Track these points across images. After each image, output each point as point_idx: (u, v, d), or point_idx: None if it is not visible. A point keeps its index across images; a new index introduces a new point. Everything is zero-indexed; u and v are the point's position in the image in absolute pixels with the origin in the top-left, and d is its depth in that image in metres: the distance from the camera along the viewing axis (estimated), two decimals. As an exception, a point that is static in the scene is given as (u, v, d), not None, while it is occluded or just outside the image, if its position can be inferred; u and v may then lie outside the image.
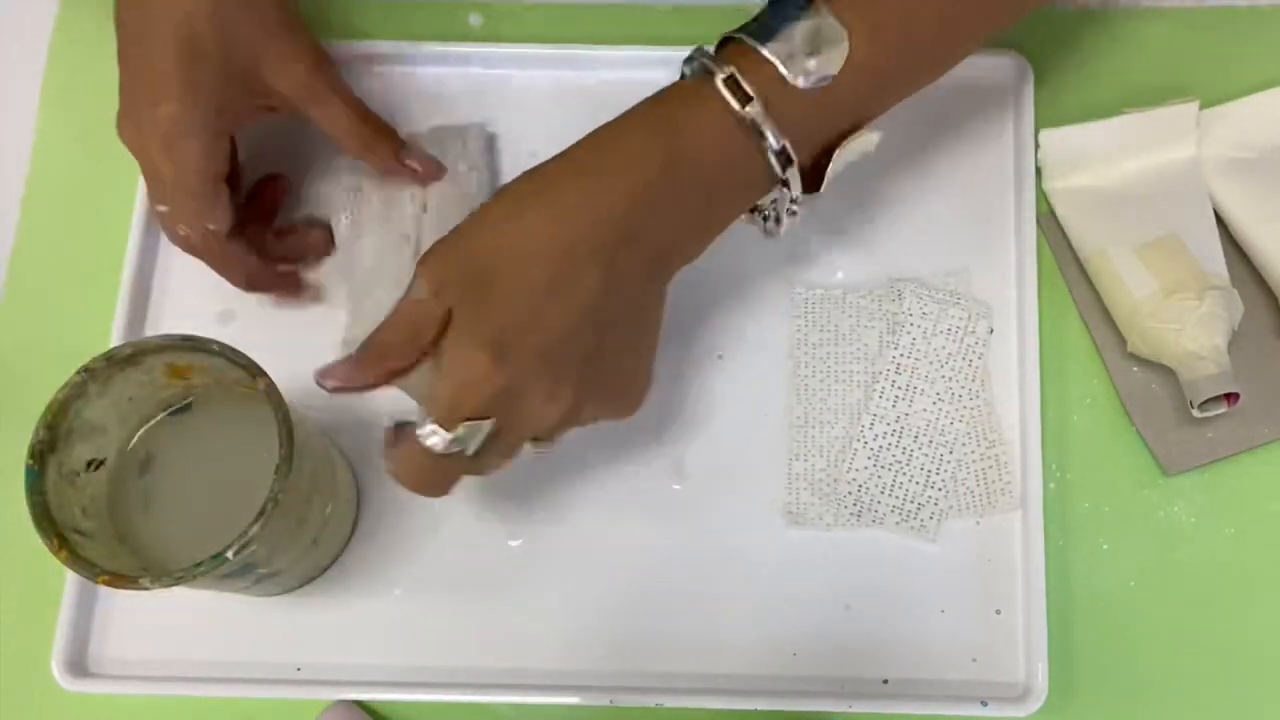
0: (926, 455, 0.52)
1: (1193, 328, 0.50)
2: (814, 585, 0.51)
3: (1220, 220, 0.54)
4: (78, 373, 0.44)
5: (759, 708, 0.49)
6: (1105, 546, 0.51)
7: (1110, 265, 0.52)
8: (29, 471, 0.43)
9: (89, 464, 0.46)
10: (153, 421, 0.48)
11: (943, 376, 0.52)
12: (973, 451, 0.52)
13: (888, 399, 0.52)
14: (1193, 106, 0.55)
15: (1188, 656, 0.50)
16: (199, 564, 0.42)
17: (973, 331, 0.53)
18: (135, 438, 0.48)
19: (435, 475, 0.44)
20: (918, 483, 0.51)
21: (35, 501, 0.43)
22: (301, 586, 0.51)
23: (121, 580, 0.42)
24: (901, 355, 0.53)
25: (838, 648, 0.50)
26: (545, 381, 0.42)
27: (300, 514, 0.45)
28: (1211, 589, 0.51)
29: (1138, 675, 0.50)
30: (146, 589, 0.41)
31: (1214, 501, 0.52)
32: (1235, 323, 0.51)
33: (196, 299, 0.55)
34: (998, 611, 0.50)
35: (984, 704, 0.48)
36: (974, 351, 0.53)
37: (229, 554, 0.42)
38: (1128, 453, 0.53)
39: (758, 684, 0.50)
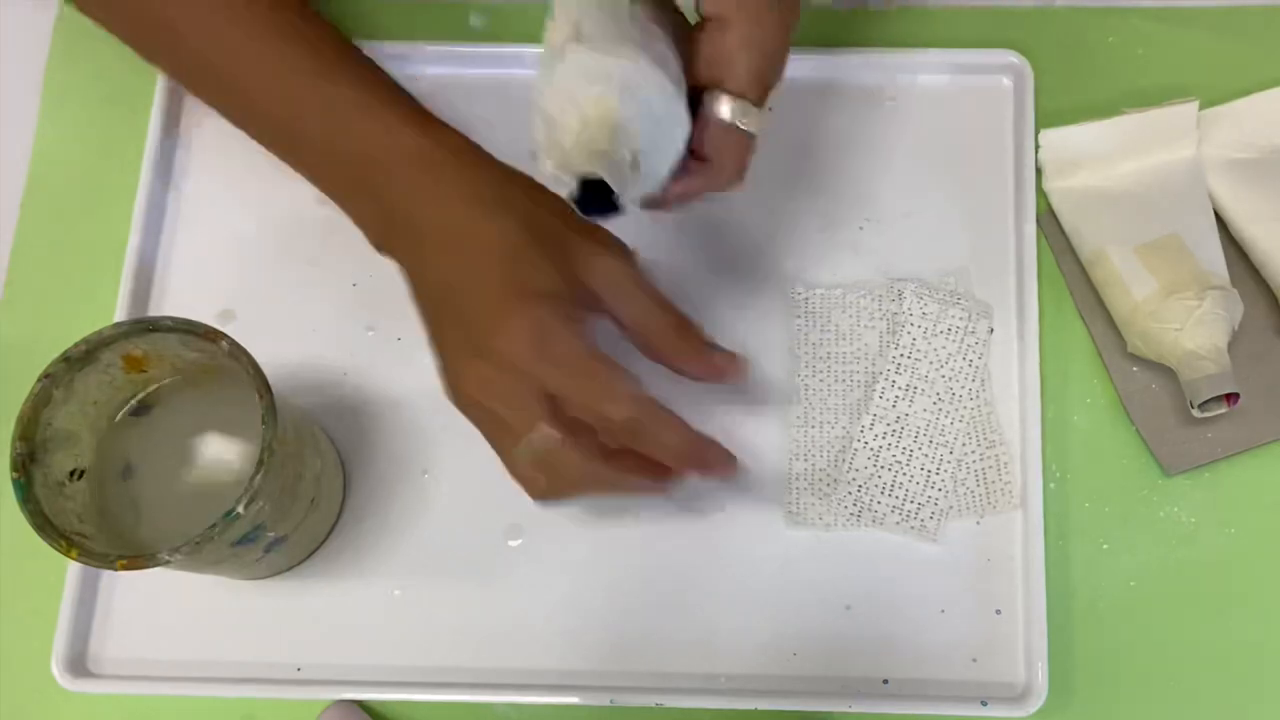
0: (926, 455, 0.52)
1: (1193, 328, 0.50)
2: (814, 585, 0.51)
3: (1220, 220, 0.54)
4: (38, 380, 0.44)
5: (759, 708, 0.49)
6: (1105, 546, 0.51)
7: (1110, 265, 0.52)
8: (16, 484, 0.43)
9: (71, 474, 0.46)
10: (121, 425, 0.48)
11: (943, 377, 0.52)
12: (973, 452, 0.52)
13: (888, 399, 0.52)
14: (1192, 106, 0.55)
15: (1188, 656, 0.50)
16: (213, 525, 0.42)
17: (973, 332, 0.53)
18: (108, 444, 0.47)
19: (748, 156, 0.46)
20: (918, 483, 0.51)
21: (32, 510, 0.43)
22: (307, 558, 0.51)
23: (140, 561, 0.42)
24: (902, 355, 0.53)
25: (838, 648, 0.50)
26: None
27: (295, 469, 0.46)
28: (1211, 589, 0.51)
29: (1138, 675, 0.50)
30: (166, 563, 0.41)
31: (1214, 501, 0.52)
32: (1235, 323, 0.51)
33: (196, 298, 0.55)
34: (998, 611, 0.50)
35: (984, 704, 0.48)
36: (974, 351, 0.53)
37: (240, 508, 0.42)
38: (1128, 453, 0.53)
39: (758, 684, 0.50)
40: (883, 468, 0.52)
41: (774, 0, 0.43)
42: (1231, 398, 0.50)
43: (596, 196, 0.43)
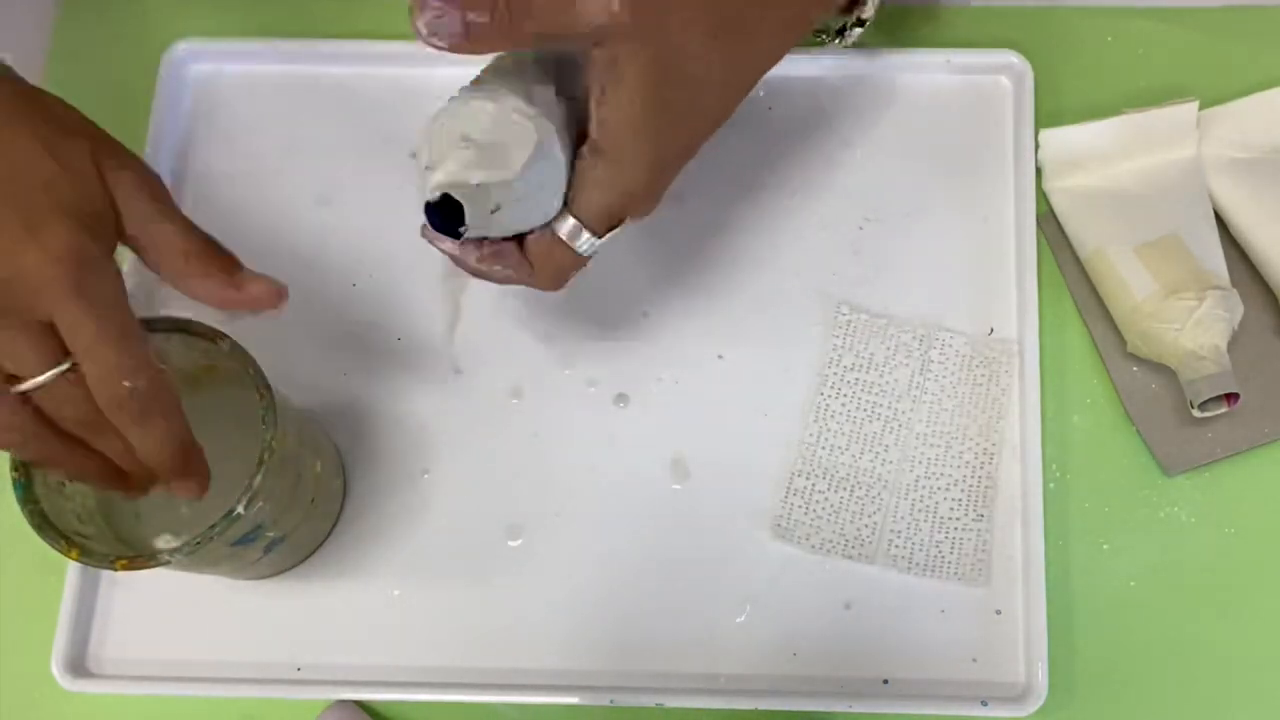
0: (915, 507, 0.51)
1: (1193, 328, 0.50)
2: (814, 584, 0.51)
3: (1220, 220, 0.54)
4: None
5: (759, 708, 0.49)
6: (1105, 546, 0.51)
7: (1110, 265, 0.52)
8: (16, 484, 0.42)
9: None
10: None
11: (958, 438, 0.52)
12: (959, 520, 0.51)
13: (900, 442, 0.52)
14: (1192, 106, 0.55)
15: (1188, 656, 0.50)
16: (213, 525, 0.42)
17: (998, 399, 0.52)
18: None
19: (571, 272, 0.44)
20: (897, 532, 0.51)
21: (32, 510, 0.42)
22: (309, 557, 0.51)
23: (140, 562, 0.41)
24: (926, 405, 0.52)
25: (838, 648, 0.50)
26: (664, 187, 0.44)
27: (295, 469, 0.46)
28: (1211, 589, 0.51)
29: (1138, 675, 0.50)
30: (167, 563, 0.41)
31: (1214, 501, 0.52)
32: (1235, 323, 0.51)
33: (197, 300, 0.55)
34: (998, 611, 0.50)
35: (984, 704, 0.48)
36: (994, 421, 0.52)
37: (240, 508, 0.42)
38: (1128, 453, 0.53)
39: (758, 684, 0.50)
40: (876, 508, 0.51)
41: (655, 139, 0.41)
42: (1231, 398, 0.50)
43: (447, 216, 0.41)
